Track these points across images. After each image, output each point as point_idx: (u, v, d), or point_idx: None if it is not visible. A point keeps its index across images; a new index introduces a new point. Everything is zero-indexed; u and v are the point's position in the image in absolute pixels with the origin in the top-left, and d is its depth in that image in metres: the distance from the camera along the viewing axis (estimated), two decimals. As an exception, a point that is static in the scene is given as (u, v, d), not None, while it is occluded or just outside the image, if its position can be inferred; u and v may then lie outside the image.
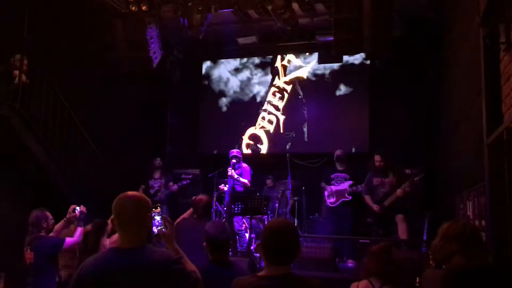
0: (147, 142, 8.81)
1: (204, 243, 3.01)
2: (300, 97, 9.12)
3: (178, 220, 4.59)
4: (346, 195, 7.01)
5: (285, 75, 9.28)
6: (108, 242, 5.09)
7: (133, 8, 6.62)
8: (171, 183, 7.37)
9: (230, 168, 7.05)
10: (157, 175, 7.42)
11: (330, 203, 7.11)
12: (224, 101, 9.70)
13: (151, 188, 7.35)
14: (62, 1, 6.77)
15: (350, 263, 6.57)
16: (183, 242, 4.28)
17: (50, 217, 4.73)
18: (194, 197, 4.64)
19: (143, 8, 6.64)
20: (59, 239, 4.54)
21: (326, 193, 7.22)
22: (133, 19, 6.83)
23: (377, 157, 6.25)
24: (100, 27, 7.20)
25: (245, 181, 7.11)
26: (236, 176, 7.03)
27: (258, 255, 4.81)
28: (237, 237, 6.91)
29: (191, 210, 4.61)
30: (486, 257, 2.13)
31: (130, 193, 2.18)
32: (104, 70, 7.47)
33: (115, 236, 5.04)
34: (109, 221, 5.37)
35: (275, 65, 9.39)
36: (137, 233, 2.13)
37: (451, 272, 1.91)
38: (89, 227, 5.48)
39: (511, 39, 2.83)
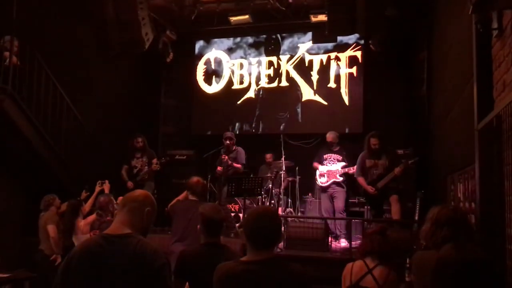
0: (141, 123, 8.77)
1: (199, 225, 3.03)
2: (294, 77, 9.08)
3: (173, 202, 4.64)
4: (337, 176, 7.06)
5: (279, 55, 9.21)
6: (83, 223, 5.10)
7: (124, -12, 6.50)
8: (154, 160, 7.26)
9: (224, 156, 7.12)
10: (138, 154, 7.34)
11: (321, 182, 7.17)
12: (217, 81, 9.62)
13: (134, 168, 7.29)
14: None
15: (343, 243, 6.68)
16: (179, 223, 4.36)
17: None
18: (189, 180, 4.65)
19: (134, -12, 6.52)
20: None
21: (317, 172, 7.27)
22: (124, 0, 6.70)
23: (373, 140, 6.21)
24: (90, 8, 7.07)
25: (238, 166, 7.15)
26: (230, 162, 7.08)
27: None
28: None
29: (185, 192, 4.64)
30: (476, 248, 2.16)
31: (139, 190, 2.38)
32: (96, 51, 7.37)
33: (90, 218, 5.09)
34: (86, 205, 5.41)
35: (269, 46, 9.31)
36: (129, 221, 2.15)
37: (443, 263, 1.93)
38: (64, 207, 5.48)
39: (503, 26, 2.83)
